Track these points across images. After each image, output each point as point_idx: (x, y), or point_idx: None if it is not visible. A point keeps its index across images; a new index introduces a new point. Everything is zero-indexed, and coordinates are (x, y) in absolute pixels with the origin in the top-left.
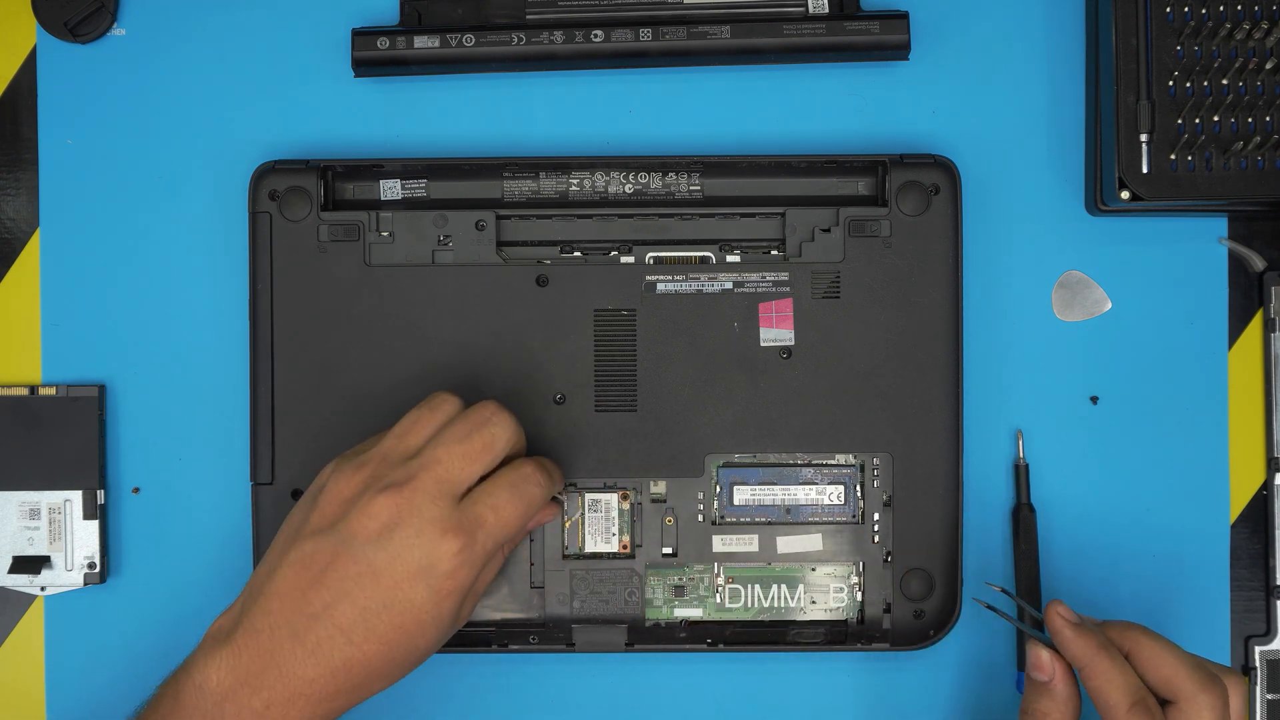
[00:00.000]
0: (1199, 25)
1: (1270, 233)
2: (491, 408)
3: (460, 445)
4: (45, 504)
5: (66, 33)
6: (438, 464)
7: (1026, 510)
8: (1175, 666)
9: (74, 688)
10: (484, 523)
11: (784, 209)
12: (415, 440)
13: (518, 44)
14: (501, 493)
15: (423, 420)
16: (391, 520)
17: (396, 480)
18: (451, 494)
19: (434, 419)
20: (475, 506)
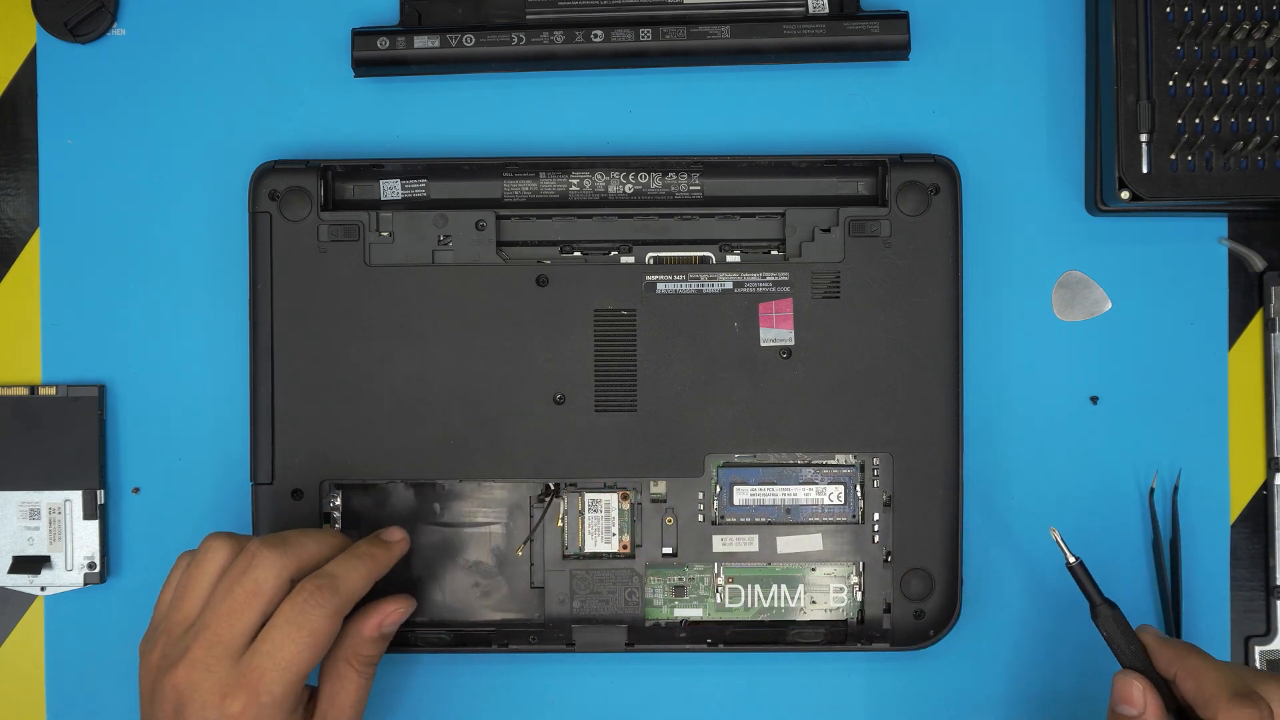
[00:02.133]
0: (1199, 25)
1: (1270, 233)
2: (253, 548)
3: (224, 603)
4: (45, 504)
5: (66, 33)
6: (206, 629)
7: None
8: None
9: (74, 688)
10: (264, 672)
11: (784, 209)
12: (191, 605)
13: (518, 44)
14: (276, 634)
15: (192, 581)
16: (179, 699)
17: (175, 656)
18: (228, 655)
19: (202, 578)
20: (255, 659)
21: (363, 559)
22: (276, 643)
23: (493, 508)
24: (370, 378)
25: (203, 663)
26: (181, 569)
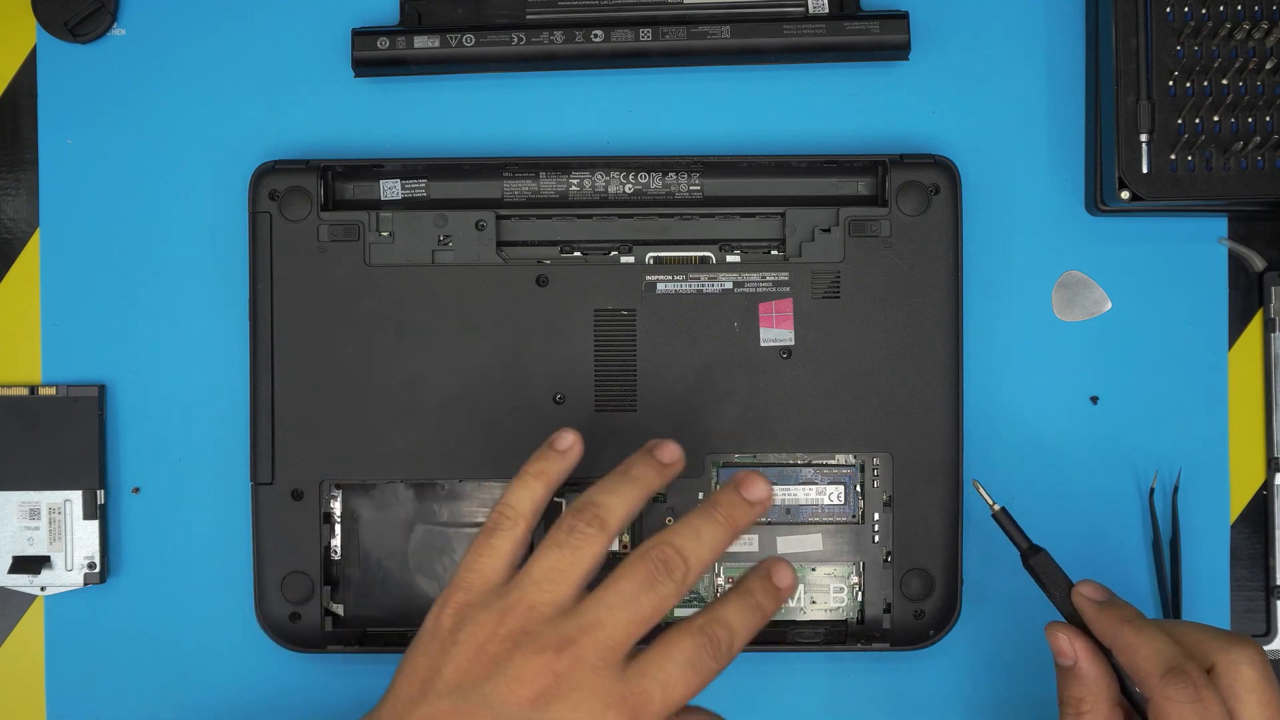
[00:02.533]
0: (1199, 25)
1: (1270, 233)
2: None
3: (626, 610)
4: (45, 504)
5: (66, 33)
6: (600, 628)
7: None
8: (1193, 632)
9: (74, 688)
10: (650, 700)
11: (784, 209)
12: (564, 590)
13: (518, 44)
14: (674, 667)
15: (567, 566)
16: (547, 689)
17: (551, 642)
18: (616, 663)
19: (579, 564)
20: (644, 681)
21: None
22: (673, 676)
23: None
24: (370, 378)
25: (591, 664)
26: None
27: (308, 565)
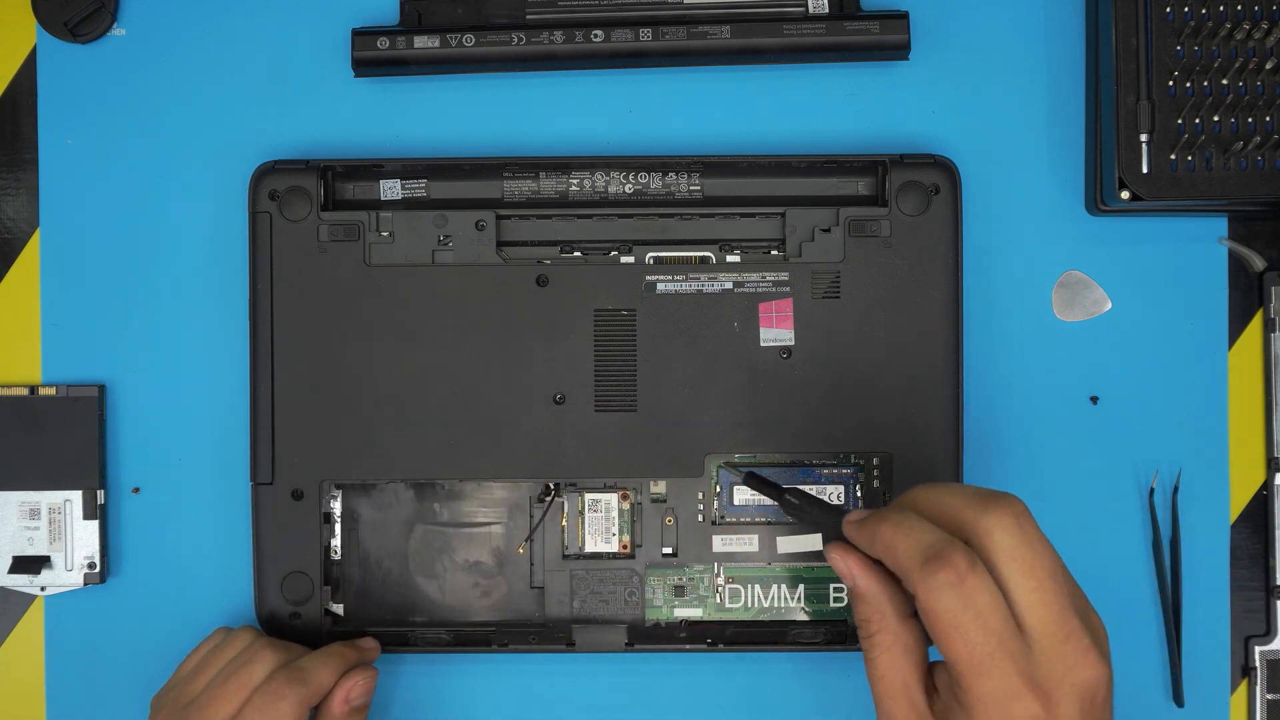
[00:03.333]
0: (1199, 25)
1: (1270, 233)
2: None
3: (219, 688)
4: (45, 504)
5: (66, 33)
6: (200, 709)
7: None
8: (952, 500)
9: (74, 688)
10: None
11: (784, 209)
12: (200, 682)
13: (518, 44)
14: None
15: (212, 660)
16: None
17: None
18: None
19: (219, 661)
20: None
21: (333, 656)
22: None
23: (493, 508)
24: (370, 378)
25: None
26: (212, 645)
27: (308, 565)
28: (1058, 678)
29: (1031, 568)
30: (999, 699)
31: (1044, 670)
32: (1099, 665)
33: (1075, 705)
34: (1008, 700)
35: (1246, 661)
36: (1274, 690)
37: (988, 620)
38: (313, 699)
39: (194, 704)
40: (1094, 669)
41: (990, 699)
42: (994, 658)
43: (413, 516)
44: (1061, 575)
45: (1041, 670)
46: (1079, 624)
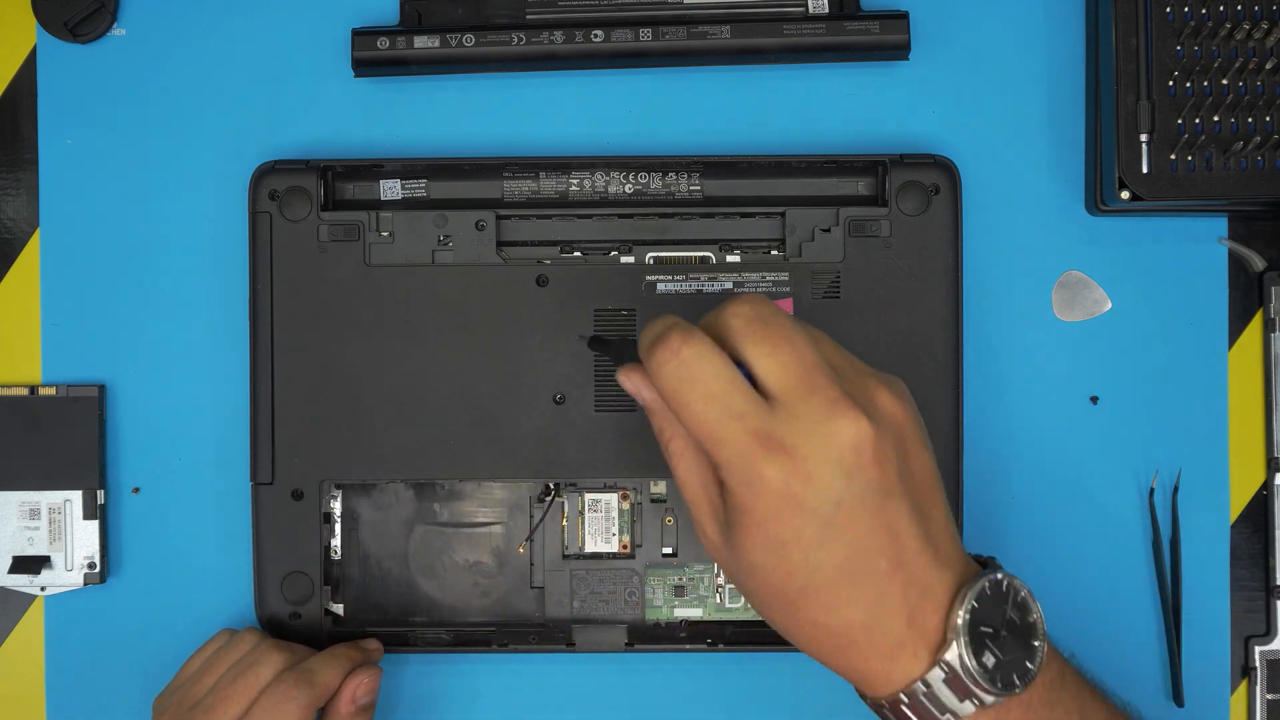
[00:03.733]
0: (1199, 25)
1: (1270, 233)
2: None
3: (227, 688)
4: (45, 504)
5: (66, 33)
6: (208, 711)
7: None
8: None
9: (74, 688)
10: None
11: (784, 209)
12: (206, 683)
13: (518, 44)
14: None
15: (218, 662)
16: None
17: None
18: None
19: (224, 662)
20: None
21: (339, 658)
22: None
23: (493, 508)
24: (370, 378)
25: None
26: (217, 646)
27: (308, 565)
28: (801, 434)
29: (764, 336)
30: (738, 462)
31: (784, 428)
32: (855, 420)
33: (827, 460)
34: (746, 462)
35: (1246, 661)
36: (1274, 690)
37: (709, 387)
38: (319, 700)
39: (200, 705)
40: (848, 423)
41: (731, 464)
42: (721, 422)
43: (413, 516)
44: (802, 340)
45: (781, 428)
46: (826, 381)
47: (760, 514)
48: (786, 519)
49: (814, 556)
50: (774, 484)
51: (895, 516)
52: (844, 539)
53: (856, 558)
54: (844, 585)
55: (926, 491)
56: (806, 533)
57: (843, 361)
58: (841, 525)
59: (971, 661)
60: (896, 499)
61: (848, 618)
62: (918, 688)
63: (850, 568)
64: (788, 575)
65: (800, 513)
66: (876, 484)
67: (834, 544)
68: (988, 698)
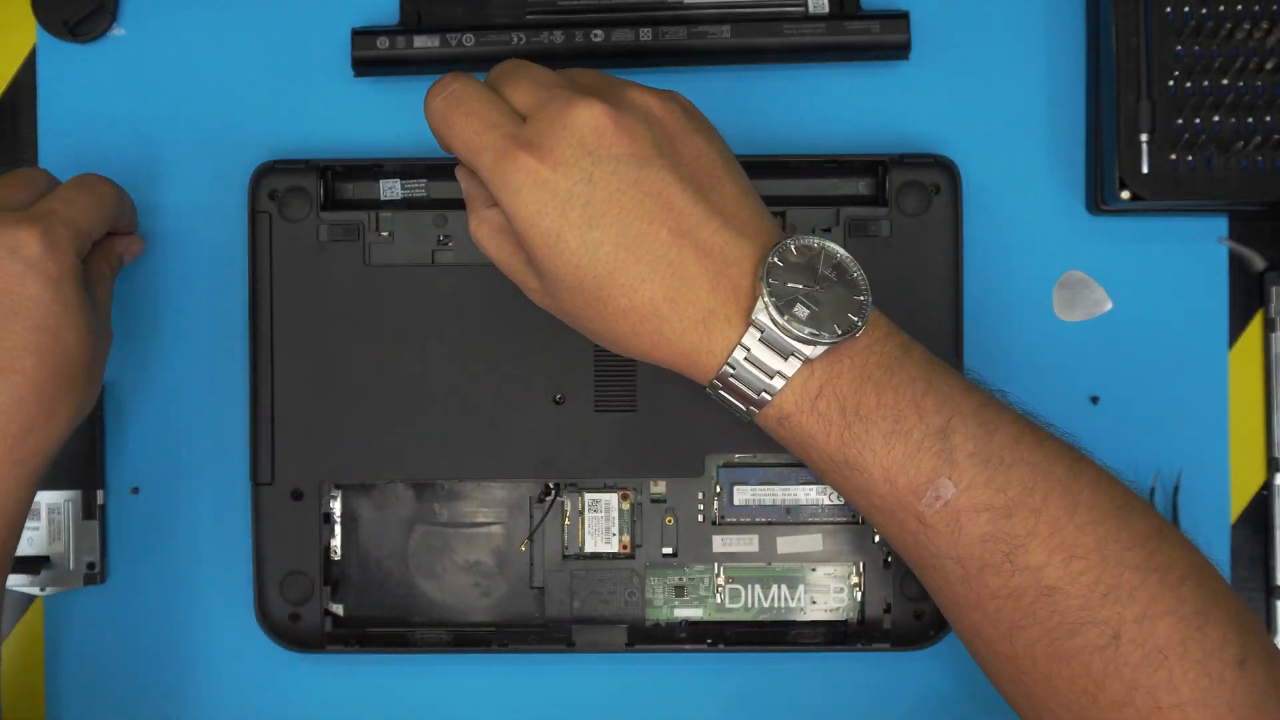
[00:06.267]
0: (1199, 25)
1: (1270, 233)
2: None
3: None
4: (45, 504)
5: (66, 33)
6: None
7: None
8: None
9: (74, 688)
10: (55, 211)
11: (784, 209)
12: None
13: (518, 44)
14: (68, 191)
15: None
16: None
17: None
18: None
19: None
20: (44, 203)
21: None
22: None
23: (493, 508)
24: (370, 377)
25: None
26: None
27: (308, 565)
28: (545, 131)
29: (513, 74)
30: (497, 166)
31: (530, 130)
32: (589, 105)
33: (569, 143)
34: (502, 161)
35: None
36: None
37: (469, 106)
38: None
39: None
40: (583, 108)
41: (492, 171)
42: (480, 133)
43: (413, 516)
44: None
45: (528, 131)
46: (565, 90)
47: (529, 213)
48: (549, 208)
49: (589, 237)
50: (529, 177)
51: (662, 186)
52: (610, 213)
53: (631, 229)
54: (630, 261)
55: (706, 170)
56: (572, 215)
57: (597, 80)
58: (603, 201)
59: (778, 316)
60: (658, 169)
61: (649, 294)
62: (738, 354)
63: (629, 241)
64: (577, 268)
65: (557, 197)
66: (628, 156)
67: (603, 220)
68: (805, 348)
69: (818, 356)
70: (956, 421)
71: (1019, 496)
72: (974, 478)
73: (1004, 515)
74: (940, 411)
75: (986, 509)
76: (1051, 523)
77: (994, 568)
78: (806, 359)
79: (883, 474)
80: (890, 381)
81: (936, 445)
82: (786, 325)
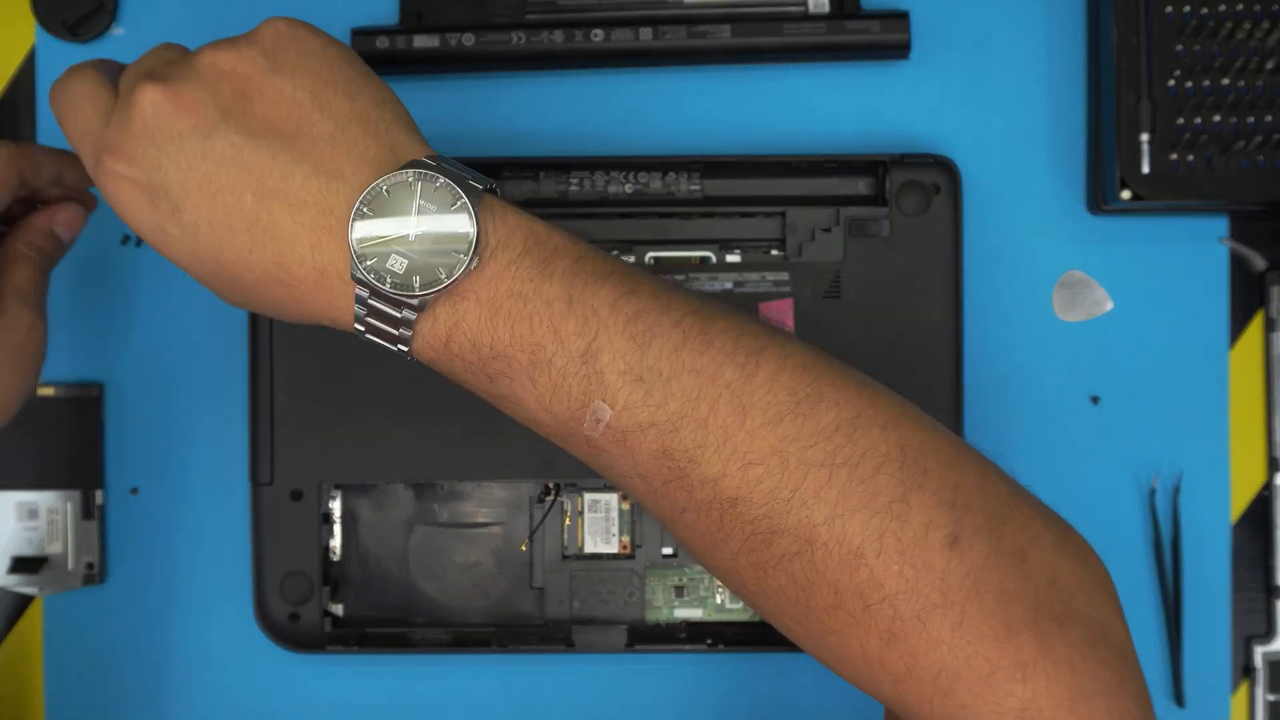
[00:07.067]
0: (1199, 25)
1: (1271, 232)
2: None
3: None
4: (44, 504)
5: (66, 32)
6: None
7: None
8: None
9: (73, 688)
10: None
11: (784, 209)
12: None
13: (518, 44)
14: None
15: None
16: None
17: None
18: None
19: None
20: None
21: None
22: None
23: (493, 508)
24: (370, 378)
25: None
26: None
27: (307, 565)
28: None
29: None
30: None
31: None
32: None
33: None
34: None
35: (1247, 662)
36: (1275, 691)
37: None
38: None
39: None
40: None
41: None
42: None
43: (413, 516)
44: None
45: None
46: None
47: (129, 215)
48: (142, 205)
49: (184, 221)
50: (116, 180)
51: (233, 151)
52: (192, 194)
53: (218, 203)
54: (230, 235)
55: (290, 113)
56: (163, 206)
57: (165, 54)
58: (180, 183)
59: (371, 275)
60: (225, 133)
61: (262, 263)
62: (359, 309)
63: (220, 217)
64: (191, 254)
65: (144, 192)
66: (191, 129)
67: (188, 202)
68: (411, 301)
69: (435, 301)
70: (602, 340)
71: (683, 409)
72: (629, 397)
73: (670, 430)
74: (582, 334)
75: (650, 426)
76: (721, 431)
77: (675, 483)
78: (416, 309)
79: (537, 404)
80: (524, 310)
81: (583, 370)
82: (377, 285)
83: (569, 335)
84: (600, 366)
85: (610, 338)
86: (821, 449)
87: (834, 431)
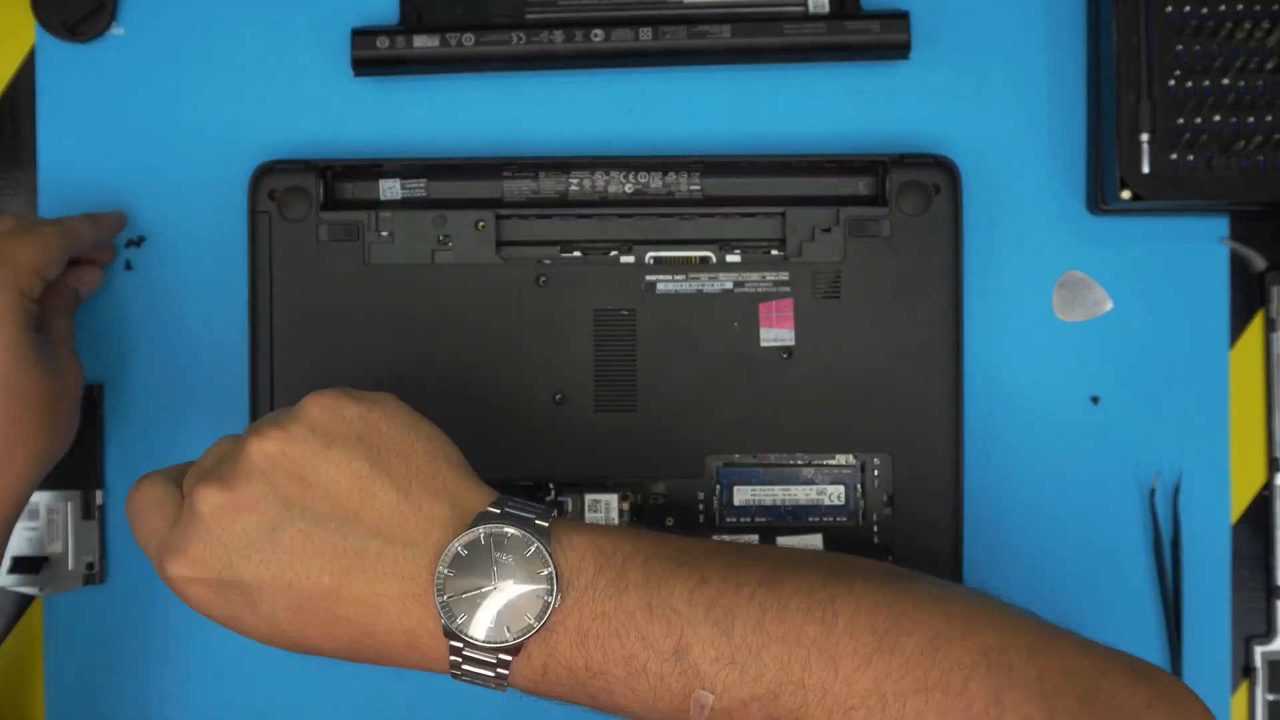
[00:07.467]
0: (1199, 25)
1: (1271, 232)
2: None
3: None
4: (44, 504)
5: (66, 32)
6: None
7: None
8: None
9: (73, 688)
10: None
11: (784, 209)
12: None
13: (518, 44)
14: (5, 236)
15: None
16: None
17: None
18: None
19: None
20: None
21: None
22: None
23: None
24: (370, 378)
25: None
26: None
27: None
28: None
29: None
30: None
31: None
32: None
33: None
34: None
35: (1247, 662)
36: (1274, 691)
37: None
38: (26, 282)
39: None
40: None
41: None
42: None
43: None
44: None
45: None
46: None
47: (203, 609)
48: (214, 600)
49: (262, 609)
50: (184, 582)
51: (302, 538)
52: (266, 586)
53: (296, 590)
54: (311, 617)
55: (350, 489)
56: (236, 599)
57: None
58: (254, 577)
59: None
60: (294, 523)
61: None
62: (454, 658)
63: (300, 603)
64: (271, 636)
65: (214, 589)
66: (256, 525)
67: (263, 594)
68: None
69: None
70: (689, 635)
71: (778, 676)
72: (726, 679)
73: (771, 699)
74: (669, 634)
75: (753, 700)
76: (819, 688)
77: None
78: (511, 653)
79: (642, 708)
80: (610, 628)
81: (677, 667)
82: (471, 640)
83: (657, 639)
84: (693, 659)
85: (695, 631)
86: (913, 676)
87: (919, 655)
